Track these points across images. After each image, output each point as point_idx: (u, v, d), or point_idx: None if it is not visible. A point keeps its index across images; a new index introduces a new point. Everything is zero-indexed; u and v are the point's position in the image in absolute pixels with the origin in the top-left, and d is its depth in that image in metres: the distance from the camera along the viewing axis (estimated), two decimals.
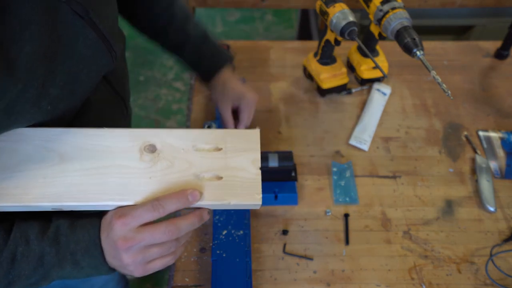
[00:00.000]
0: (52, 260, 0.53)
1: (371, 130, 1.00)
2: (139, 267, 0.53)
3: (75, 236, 0.54)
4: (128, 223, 0.51)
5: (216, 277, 0.75)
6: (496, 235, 0.86)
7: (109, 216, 0.53)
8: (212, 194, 0.53)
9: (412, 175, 0.94)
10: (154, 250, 0.53)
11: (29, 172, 0.52)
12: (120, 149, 0.55)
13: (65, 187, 0.52)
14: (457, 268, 0.82)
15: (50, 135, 0.54)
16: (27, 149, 0.53)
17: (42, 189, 0.51)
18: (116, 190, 0.52)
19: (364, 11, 1.00)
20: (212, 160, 0.55)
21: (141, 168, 0.54)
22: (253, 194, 0.54)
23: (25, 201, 0.51)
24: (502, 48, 1.15)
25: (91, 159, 0.54)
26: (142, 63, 2.26)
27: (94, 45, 0.56)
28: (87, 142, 0.55)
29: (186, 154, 0.55)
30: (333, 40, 0.97)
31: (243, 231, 0.81)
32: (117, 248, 0.51)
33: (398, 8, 0.88)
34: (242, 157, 0.56)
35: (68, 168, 0.53)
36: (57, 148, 0.54)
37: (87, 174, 0.53)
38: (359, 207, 0.89)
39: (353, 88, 1.09)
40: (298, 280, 0.80)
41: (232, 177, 0.54)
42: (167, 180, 0.53)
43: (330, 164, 0.95)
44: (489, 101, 1.08)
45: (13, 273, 0.53)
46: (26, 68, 0.46)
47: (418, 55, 0.83)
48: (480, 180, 0.92)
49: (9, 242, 0.53)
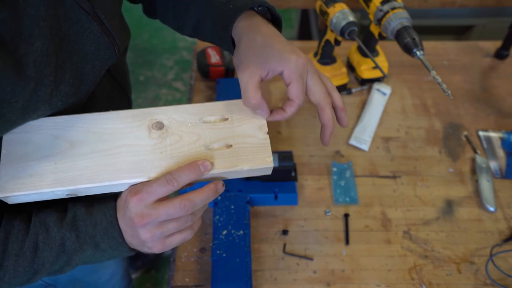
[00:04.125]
0: (73, 245, 0.54)
1: (371, 130, 1.00)
2: (158, 242, 0.54)
3: (92, 219, 0.54)
4: (143, 199, 0.51)
5: (216, 277, 0.75)
6: (496, 235, 0.86)
7: (124, 195, 0.53)
8: (224, 163, 0.54)
9: (412, 175, 0.94)
10: (171, 225, 0.53)
11: (41, 160, 0.52)
12: (128, 129, 0.55)
13: (78, 170, 0.52)
14: (457, 268, 0.82)
15: (57, 123, 0.55)
16: (36, 138, 0.54)
17: (56, 175, 0.52)
18: (128, 168, 0.53)
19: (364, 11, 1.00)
20: (219, 130, 0.56)
21: (151, 145, 0.54)
22: (264, 158, 0.54)
23: (40, 187, 0.51)
24: (502, 48, 1.15)
25: (101, 141, 0.54)
26: (142, 63, 2.26)
27: (98, 40, 0.56)
28: (95, 126, 0.55)
29: (194, 127, 0.56)
30: (333, 40, 0.97)
31: (243, 231, 0.81)
32: (134, 225, 0.52)
33: (398, 8, 0.88)
34: (249, 124, 0.56)
35: (79, 152, 0.53)
36: (66, 135, 0.54)
37: (98, 156, 0.53)
38: (359, 207, 0.89)
39: (353, 88, 1.09)
40: (298, 280, 0.80)
41: (241, 144, 0.55)
42: (178, 154, 0.54)
43: (330, 164, 0.95)
44: (489, 101, 1.08)
45: (37, 262, 0.54)
46: (36, 66, 0.46)
47: (418, 55, 0.83)
48: (480, 180, 0.92)
49: (29, 232, 0.54)
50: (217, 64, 1.06)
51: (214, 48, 1.09)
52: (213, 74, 1.06)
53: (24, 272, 0.54)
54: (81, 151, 0.53)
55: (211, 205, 0.87)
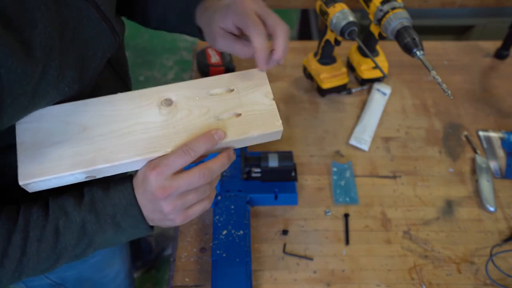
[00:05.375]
0: (94, 226, 0.55)
1: (371, 130, 1.00)
2: (180, 214, 0.55)
3: (110, 199, 0.56)
4: (162, 172, 0.52)
5: (216, 277, 0.75)
6: (496, 235, 0.86)
7: (142, 172, 0.54)
8: (235, 131, 0.56)
9: (412, 175, 0.94)
10: (191, 195, 0.55)
11: (56, 145, 0.53)
12: (138, 109, 0.56)
13: (94, 152, 0.53)
14: (457, 268, 0.82)
15: (67, 109, 0.56)
16: (49, 125, 0.54)
17: (74, 158, 0.53)
18: (144, 145, 0.54)
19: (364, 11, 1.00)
20: (227, 101, 0.58)
21: (163, 121, 0.56)
22: (273, 122, 0.57)
23: (60, 171, 0.52)
24: (502, 48, 1.15)
25: (113, 123, 0.55)
26: (142, 63, 2.26)
27: (97, 26, 0.57)
28: (104, 109, 0.56)
29: (202, 101, 0.58)
30: (333, 40, 0.97)
31: (243, 231, 0.81)
32: (156, 199, 0.53)
33: (398, 8, 0.88)
34: (255, 93, 0.59)
35: (93, 134, 0.54)
36: (77, 120, 0.55)
37: (112, 137, 0.54)
38: (359, 207, 0.89)
39: (353, 88, 1.09)
40: (298, 280, 0.80)
41: (250, 112, 0.57)
42: (190, 127, 0.56)
43: (330, 164, 0.95)
44: (489, 101, 1.08)
45: (59, 246, 0.55)
46: (42, 48, 0.47)
47: (418, 55, 0.83)
48: (480, 180, 0.92)
49: (49, 217, 0.55)
50: (217, 64, 1.06)
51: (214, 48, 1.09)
52: (213, 74, 1.06)
53: (47, 257, 0.55)
54: (95, 133, 0.54)
55: (211, 205, 0.87)
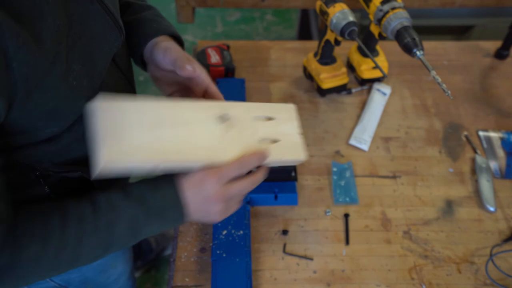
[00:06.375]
0: (143, 220, 0.59)
1: (371, 130, 1.00)
2: (220, 216, 0.62)
3: (158, 194, 0.60)
4: (222, 179, 0.59)
5: (216, 277, 0.75)
6: (496, 235, 0.86)
7: (200, 174, 0.59)
8: (274, 154, 0.64)
9: (412, 175, 0.94)
10: (236, 199, 0.62)
11: (133, 136, 0.56)
12: (202, 118, 0.63)
13: (166, 148, 0.58)
14: (457, 268, 0.82)
15: (143, 104, 0.59)
16: (125, 116, 0.57)
17: (148, 151, 0.56)
18: (206, 152, 0.60)
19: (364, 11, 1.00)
20: (267, 128, 0.67)
21: (220, 134, 0.63)
22: (300, 152, 0.68)
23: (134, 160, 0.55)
24: (502, 48, 1.15)
25: (180, 126, 0.60)
26: None
27: (102, 20, 0.58)
28: (175, 112, 0.61)
29: (250, 123, 0.66)
30: (333, 40, 0.97)
31: (243, 231, 0.81)
32: (209, 201, 0.59)
33: (398, 8, 0.88)
34: (288, 125, 0.70)
35: (166, 133, 0.58)
36: (152, 116, 0.59)
37: (181, 138, 0.59)
38: (359, 207, 0.89)
39: (353, 88, 1.09)
40: (298, 280, 0.80)
41: (286, 139, 0.68)
42: (241, 143, 0.63)
43: (330, 164, 0.95)
44: (489, 101, 1.08)
45: (110, 237, 0.58)
46: (51, 40, 0.49)
47: (418, 55, 0.83)
48: (480, 180, 0.92)
49: (100, 210, 0.58)
50: (217, 64, 1.06)
51: (214, 48, 1.09)
52: (213, 74, 1.06)
53: (100, 247, 0.59)
54: (167, 132, 0.59)
55: None
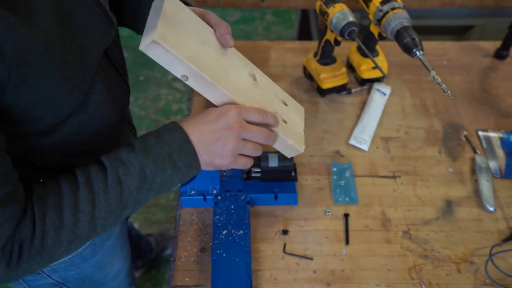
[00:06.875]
0: (152, 168, 0.59)
1: (371, 130, 1.00)
2: (232, 156, 0.63)
3: (164, 141, 0.60)
4: (242, 113, 0.63)
5: (216, 277, 0.75)
6: (496, 235, 0.86)
7: (222, 108, 0.62)
8: (282, 130, 0.69)
9: (412, 175, 0.94)
10: (250, 145, 0.64)
11: (187, 37, 0.61)
12: (240, 65, 0.69)
13: (208, 63, 0.62)
14: (457, 268, 0.82)
15: (199, 20, 0.65)
16: (185, 18, 0.62)
17: (195, 56, 0.60)
18: (235, 91, 0.65)
19: (364, 11, 1.00)
20: (283, 108, 0.73)
21: (250, 85, 0.68)
22: (301, 143, 0.73)
23: (181, 53, 0.58)
24: (502, 48, 1.15)
25: (223, 57, 0.66)
26: (142, 63, 2.26)
27: (91, 11, 0.59)
28: (218, 43, 0.66)
29: (272, 94, 0.72)
30: (333, 40, 0.97)
31: (243, 231, 0.81)
32: (229, 131, 0.61)
33: (398, 8, 0.88)
34: (297, 117, 0.75)
35: (210, 53, 0.63)
36: (203, 32, 0.64)
37: (220, 65, 0.64)
38: (359, 207, 0.89)
39: (353, 88, 1.09)
40: (298, 280, 0.80)
41: (293, 125, 0.72)
42: (261, 102, 0.68)
43: (330, 164, 0.95)
44: (489, 101, 1.08)
45: (124, 193, 0.59)
46: (45, 29, 0.51)
47: (418, 55, 0.83)
48: (479, 180, 0.92)
49: (107, 169, 0.59)
50: None
51: None
52: None
53: (116, 205, 0.59)
54: (211, 53, 0.64)
55: (211, 205, 0.87)
